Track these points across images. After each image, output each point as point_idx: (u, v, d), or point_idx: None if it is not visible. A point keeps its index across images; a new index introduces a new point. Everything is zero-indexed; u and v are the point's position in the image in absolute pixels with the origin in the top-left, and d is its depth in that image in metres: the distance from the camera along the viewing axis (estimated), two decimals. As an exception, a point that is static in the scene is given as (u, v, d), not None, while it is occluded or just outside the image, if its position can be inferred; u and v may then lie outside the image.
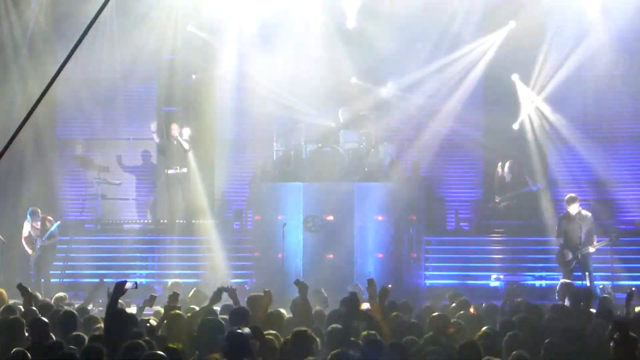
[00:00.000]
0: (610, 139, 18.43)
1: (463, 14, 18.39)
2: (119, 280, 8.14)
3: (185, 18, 18.70)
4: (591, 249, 15.12)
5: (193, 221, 17.91)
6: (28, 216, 15.89)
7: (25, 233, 15.96)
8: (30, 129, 17.78)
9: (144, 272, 17.30)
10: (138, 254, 17.44)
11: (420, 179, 17.43)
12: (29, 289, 10.09)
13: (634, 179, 18.48)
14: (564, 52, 18.14)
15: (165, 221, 18.24)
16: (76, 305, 10.86)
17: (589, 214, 15.54)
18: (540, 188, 17.83)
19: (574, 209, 15.32)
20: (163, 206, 18.57)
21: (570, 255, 15.19)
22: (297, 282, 9.24)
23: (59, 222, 16.09)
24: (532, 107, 18.39)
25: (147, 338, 7.53)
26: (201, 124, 18.90)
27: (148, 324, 8.66)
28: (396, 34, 18.33)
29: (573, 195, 15.78)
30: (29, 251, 15.92)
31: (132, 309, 10.91)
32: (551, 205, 17.52)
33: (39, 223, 15.88)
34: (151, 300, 9.48)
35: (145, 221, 18.78)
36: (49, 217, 16.09)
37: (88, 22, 6.48)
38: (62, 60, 5.97)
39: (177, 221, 17.89)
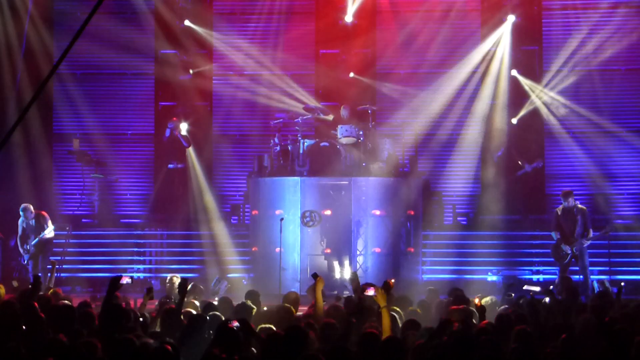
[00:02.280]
0: (609, 132, 18.39)
1: (462, 9, 18.41)
2: (114, 275, 8.16)
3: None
4: (586, 242, 15.13)
5: (191, 216, 17.90)
6: (21, 213, 15.74)
7: (20, 231, 15.79)
8: (27, 124, 17.78)
9: (141, 266, 17.29)
10: (135, 249, 17.44)
11: (417, 174, 17.42)
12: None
13: (631, 173, 18.49)
14: (565, 48, 18.20)
15: (163, 216, 18.21)
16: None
17: (585, 208, 15.55)
18: (537, 167, 17.82)
19: (569, 203, 15.33)
20: (161, 201, 18.54)
21: (566, 250, 15.19)
22: (315, 276, 9.23)
23: (52, 227, 15.81)
24: (536, 101, 18.39)
25: (140, 333, 7.54)
26: (198, 118, 18.86)
27: (141, 319, 8.65)
28: (394, 29, 18.36)
29: (568, 190, 15.84)
30: (21, 251, 15.75)
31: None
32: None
33: (33, 220, 15.69)
34: (150, 293, 9.44)
35: (143, 216, 18.77)
36: (43, 212, 15.95)
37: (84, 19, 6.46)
38: (57, 56, 5.95)
39: (175, 216, 17.88)
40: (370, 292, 8.21)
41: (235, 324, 7.27)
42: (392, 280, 8.77)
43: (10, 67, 18.18)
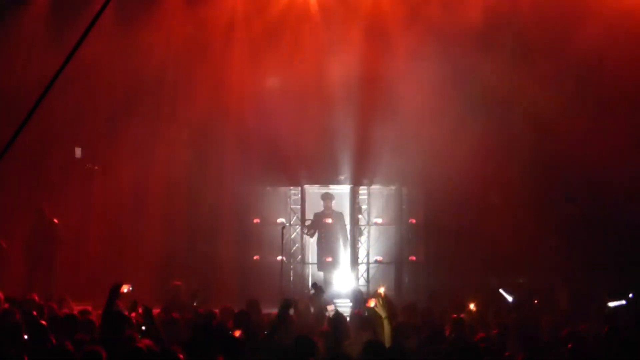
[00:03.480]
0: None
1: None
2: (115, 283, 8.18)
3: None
4: None
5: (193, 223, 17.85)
6: (35, 214, 15.76)
7: (29, 232, 15.79)
8: (30, 131, 17.70)
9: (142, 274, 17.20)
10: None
11: (419, 182, 17.39)
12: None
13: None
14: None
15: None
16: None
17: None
18: None
19: None
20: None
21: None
22: (314, 286, 9.25)
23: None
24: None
25: (144, 340, 7.54)
26: (203, 125, 18.76)
27: (144, 327, 8.64)
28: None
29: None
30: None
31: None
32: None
33: (44, 224, 15.69)
34: (134, 306, 9.45)
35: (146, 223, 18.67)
36: (56, 220, 15.96)
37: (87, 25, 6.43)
38: (60, 62, 5.93)
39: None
40: (371, 303, 8.24)
41: (239, 333, 7.28)
42: (382, 290, 8.77)
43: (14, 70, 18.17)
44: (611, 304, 13.11)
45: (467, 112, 17.63)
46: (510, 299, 10.78)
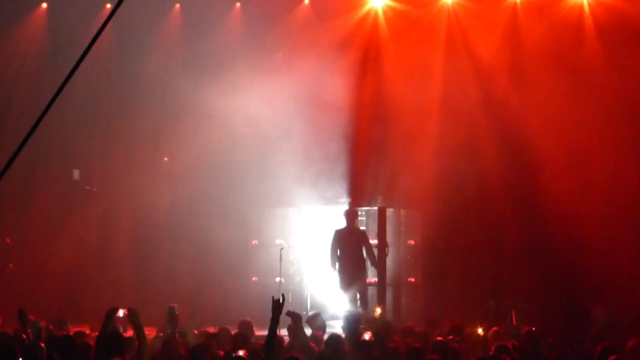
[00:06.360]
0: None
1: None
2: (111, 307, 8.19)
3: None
4: None
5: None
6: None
7: None
8: (27, 153, 17.69)
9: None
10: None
11: (418, 203, 17.37)
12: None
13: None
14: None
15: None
16: None
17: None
18: None
19: None
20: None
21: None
22: (289, 313, 9.10)
23: None
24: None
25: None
26: (200, 147, 18.78)
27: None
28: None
29: None
30: None
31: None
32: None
33: None
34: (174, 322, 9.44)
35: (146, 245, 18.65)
36: (7, 239, 16.12)
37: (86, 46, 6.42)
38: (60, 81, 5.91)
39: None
40: (367, 336, 8.24)
41: (241, 353, 7.26)
42: (378, 310, 8.73)
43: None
44: None
45: (466, 134, 17.67)
46: None
